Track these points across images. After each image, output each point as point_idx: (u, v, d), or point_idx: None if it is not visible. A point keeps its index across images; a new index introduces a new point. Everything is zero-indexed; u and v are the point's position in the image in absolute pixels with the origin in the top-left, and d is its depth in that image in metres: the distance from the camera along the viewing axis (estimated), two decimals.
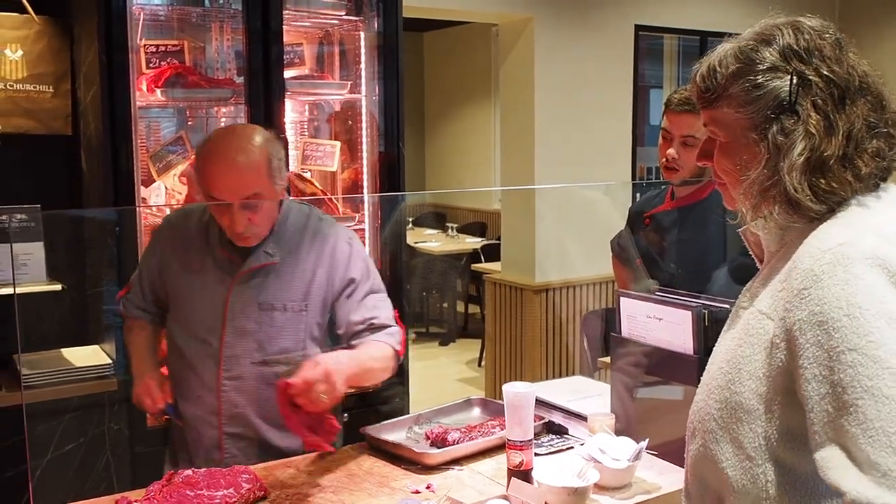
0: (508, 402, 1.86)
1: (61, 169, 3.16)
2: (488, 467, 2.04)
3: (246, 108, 3.05)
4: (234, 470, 1.93)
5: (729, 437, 1.24)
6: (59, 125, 3.14)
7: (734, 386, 1.24)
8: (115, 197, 2.84)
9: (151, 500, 1.79)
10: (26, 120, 3.09)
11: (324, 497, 1.86)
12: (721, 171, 1.30)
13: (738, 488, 1.24)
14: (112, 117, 2.82)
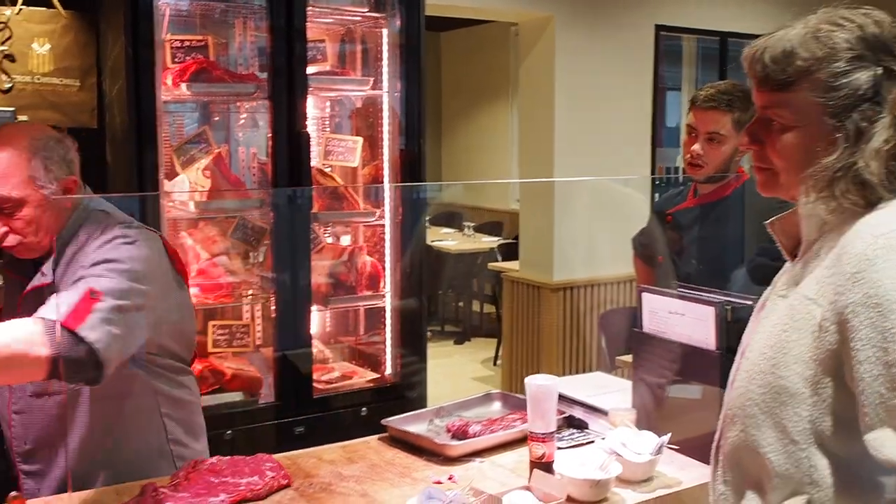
0: (531, 394, 1.87)
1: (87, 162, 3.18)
2: (509, 460, 2.05)
3: (269, 103, 3.07)
4: (258, 458, 1.95)
5: (772, 421, 1.25)
6: (84, 118, 3.18)
7: (778, 370, 1.25)
8: (139, 190, 2.87)
9: (178, 486, 1.81)
10: (53, 113, 3.13)
11: (347, 486, 1.88)
12: (779, 156, 1.31)
13: (780, 473, 1.24)
14: (137, 111, 2.85)
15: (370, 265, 3.35)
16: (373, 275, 3.34)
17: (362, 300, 3.38)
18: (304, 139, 3.06)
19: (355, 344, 3.67)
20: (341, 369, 3.50)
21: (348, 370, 3.50)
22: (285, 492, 1.85)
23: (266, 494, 1.82)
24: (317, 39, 3.46)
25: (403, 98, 3.36)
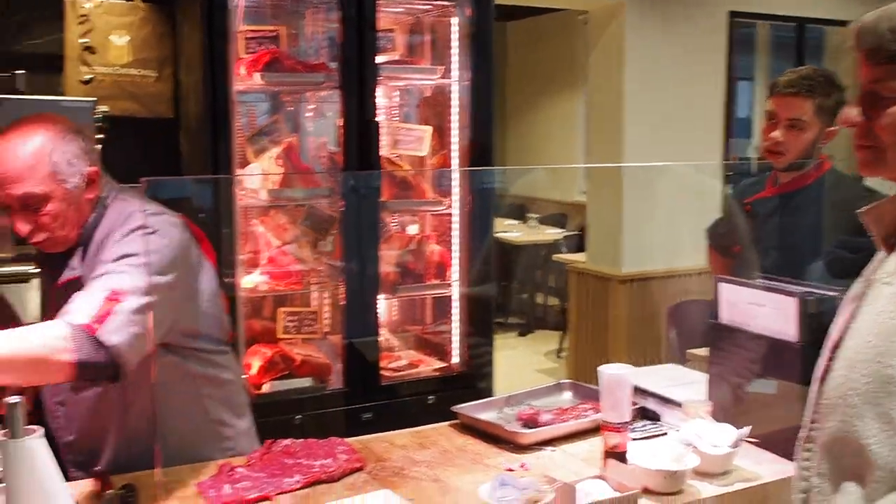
0: (604, 383, 1.85)
1: (163, 151, 3.26)
2: (581, 449, 2.03)
3: (339, 92, 3.09)
4: (331, 441, 1.97)
5: (876, 411, 1.21)
6: (161, 108, 3.24)
7: (885, 359, 1.21)
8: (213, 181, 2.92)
9: (253, 466, 1.84)
10: (131, 103, 3.20)
11: (419, 471, 1.89)
12: (887, 131, 1.26)
13: (883, 465, 1.20)
14: (212, 101, 2.89)
15: (438, 254, 3.35)
16: (440, 263, 3.35)
17: (429, 289, 3.39)
18: (374, 128, 3.07)
19: (422, 333, 3.68)
20: (408, 357, 3.52)
21: (415, 358, 3.51)
22: (358, 475, 1.87)
23: (339, 477, 1.84)
24: (386, 29, 3.47)
25: (472, 87, 3.35)
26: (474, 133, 3.38)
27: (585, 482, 1.73)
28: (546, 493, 1.60)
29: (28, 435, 1.27)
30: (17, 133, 1.85)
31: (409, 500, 1.70)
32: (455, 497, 1.75)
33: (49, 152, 1.84)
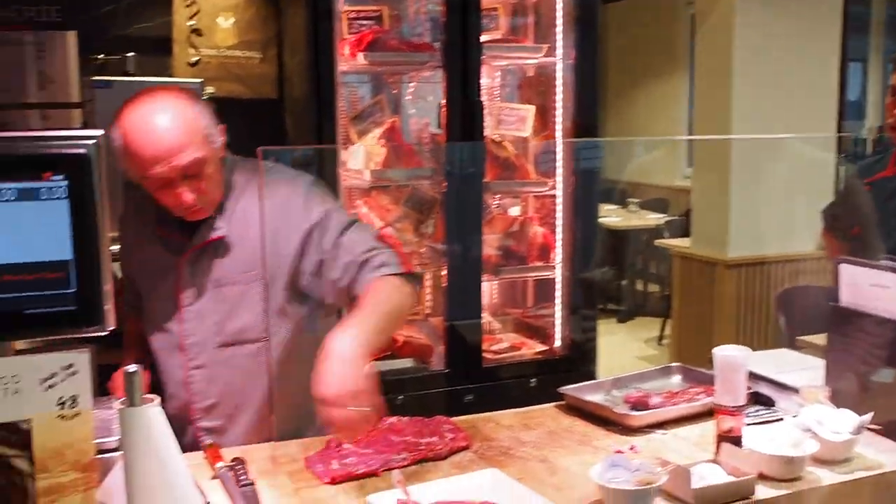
0: (720, 366, 1.79)
1: (268, 132, 3.30)
2: (692, 433, 1.97)
3: (443, 72, 3.07)
4: (437, 420, 1.96)
5: None
6: (266, 90, 3.29)
7: None
8: (319, 160, 2.95)
9: (360, 442, 1.84)
10: (237, 85, 3.25)
11: (526, 451, 1.86)
12: None
13: None
14: (317, 81, 2.92)
15: (541, 235, 3.31)
16: (543, 245, 3.31)
17: (532, 271, 3.35)
18: (478, 108, 3.05)
19: (522, 316, 3.65)
20: (509, 340, 3.49)
21: (516, 341, 3.49)
22: (465, 454, 1.85)
23: (446, 455, 1.83)
24: (490, 8, 3.44)
25: (577, 67, 3.29)
26: (578, 113, 3.32)
27: (699, 466, 1.67)
28: (659, 476, 1.55)
29: (146, 403, 1.29)
30: (155, 107, 1.83)
31: (517, 479, 1.68)
32: (563, 478, 1.72)
33: (197, 116, 1.85)
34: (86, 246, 1.27)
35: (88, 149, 1.25)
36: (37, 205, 1.24)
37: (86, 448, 1.32)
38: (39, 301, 1.25)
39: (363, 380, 1.67)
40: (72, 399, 1.30)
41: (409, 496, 1.54)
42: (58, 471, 1.30)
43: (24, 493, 1.29)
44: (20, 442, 1.28)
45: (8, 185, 1.22)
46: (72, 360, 1.31)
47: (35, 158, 1.24)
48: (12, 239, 1.23)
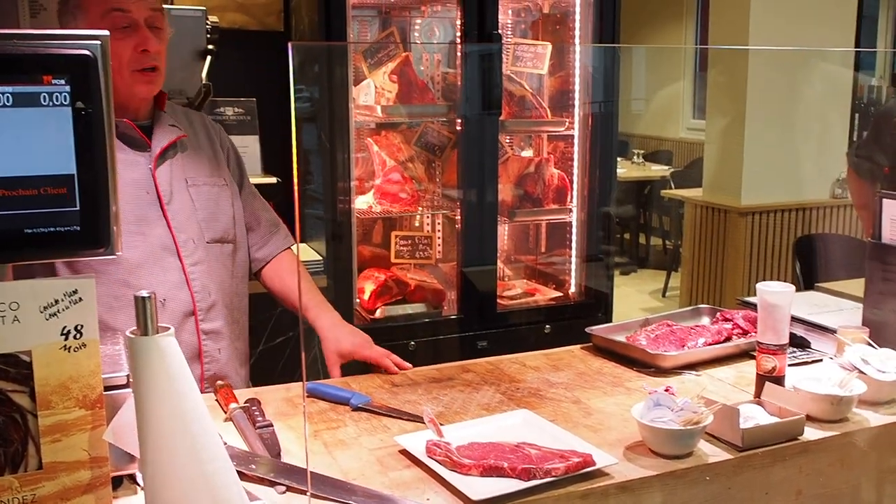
0: (763, 303, 1.68)
1: (274, 64, 3.16)
2: (728, 374, 1.88)
3: (458, 6, 2.92)
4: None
5: None
6: (271, 21, 3.15)
7: None
8: (329, 95, 2.81)
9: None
10: (240, 15, 3.12)
11: (556, 392, 1.76)
12: None
13: None
14: (326, 12, 2.77)
15: (557, 178, 3.19)
16: (560, 188, 3.19)
17: (548, 214, 3.23)
18: (496, 41, 2.90)
19: (535, 262, 3.54)
20: (522, 286, 3.39)
21: (529, 287, 3.38)
22: (493, 394, 1.75)
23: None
24: None
25: (597, 2, 3.14)
26: (597, 51, 3.18)
27: (742, 406, 1.58)
28: (705, 415, 1.45)
29: (160, 332, 1.18)
30: None
31: (550, 420, 1.58)
32: (599, 419, 1.62)
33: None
34: (91, 159, 1.15)
35: (93, 49, 1.12)
36: (36, 111, 1.11)
37: (92, 383, 1.22)
38: (40, 219, 1.13)
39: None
40: (76, 329, 1.20)
41: (442, 435, 1.44)
42: (62, 407, 1.20)
43: (25, 430, 1.18)
44: (20, 376, 1.17)
45: (3, 88, 1.10)
46: (76, 287, 1.20)
47: (34, 58, 1.11)
48: (9, 149, 1.10)
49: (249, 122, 2.96)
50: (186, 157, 1.94)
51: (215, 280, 1.93)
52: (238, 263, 2.02)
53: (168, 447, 1.16)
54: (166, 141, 1.90)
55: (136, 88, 1.83)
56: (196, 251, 1.90)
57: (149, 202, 1.86)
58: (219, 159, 2.02)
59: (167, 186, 1.88)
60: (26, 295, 1.16)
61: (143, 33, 1.79)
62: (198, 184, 1.94)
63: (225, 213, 1.97)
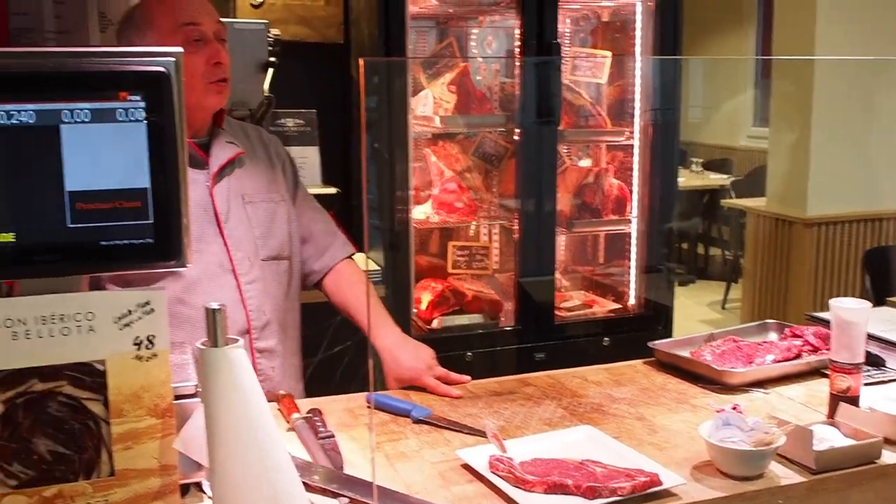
0: (837, 319, 1.64)
1: (334, 76, 3.19)
2: (798, 393, 1.83)
3: (517, 14, 2.92)
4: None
5: None
6: (331, 33, 3.18)
7: None
8: (388, 109, 2.82)
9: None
10: (301, 27, 3.15)
11: (619, 408, 1.74)
12: None
13: None
14: (386, 23, 2.78)
15: (617, 188, 3.16)
16: (619, 199, 3.16)
17: (607, 225, 3.21)
18: (556, 51, 2.89)
19: (593, 273, 3.51)
20: (580, 297, 3.36)
21: (587, 299, 3.36)
22: (554, 409, 1.73)
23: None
24: None
25: (657, 10, 3.11)
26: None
27: (815, 427, 1.54)
28: (777, 436, 1.42)
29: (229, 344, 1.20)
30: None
31: (614, 437, 1.56)
32: (665, 436, 1.60)
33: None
34: (164, 173, 1.16)
35: (168, 66, 1.14)
36: (112, 127, 1.13)
37: (163, 392, 1.23)
38: (115, 232, 1.15)
39: (428, 348, 1.94)
40: (148, 339, 1.21)
41: (505, 451, 1.43)
42: (133, 415, 1.22)
43: (99, 438, 1.20)
44: (95, 384, 1.20)
45: (82, 105, 1.12)
46: (148, 298, 1.21)
47: (111, 76, 1.13)
48: (86, 163, 1.12)
49: (309, 133, 2.98)
50: (244, 174, 1.95)
51: (270, 298, 1.93)
52: (293, 280, 2.02)
53: (236, 456, 1.17)
54: (224, 158, 1.91)
55: (207, 100, 1.85)
56: (252, 269, 1.90)
57: (206, 220, 1.87)
58: (275, 172, 2.03)
59: (224, 204, 1.90)
60: (101, 305, 1.18)
61: (214, 46, 1.83)
62: (254, 201, 1.95)
63: (280, 228, 1.98)
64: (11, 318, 1.13)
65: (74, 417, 1.17)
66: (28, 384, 1.14)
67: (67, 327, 1.16)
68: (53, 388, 1.15)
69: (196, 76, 1.80)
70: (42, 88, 1.11)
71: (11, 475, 1.15)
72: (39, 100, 1.11)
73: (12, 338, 1.13)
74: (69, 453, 1.17)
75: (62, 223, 1.13)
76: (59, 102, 1.12)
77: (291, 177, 2.09)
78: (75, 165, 1.13)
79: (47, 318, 1.14)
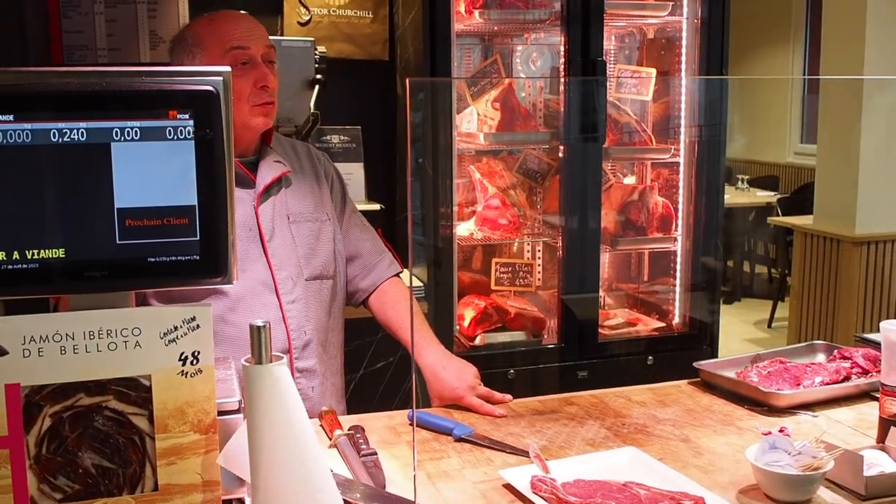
0: (888, 342, 1.60)
1: (379, 92, 3.21)
2: (846, 416, 1.80)
3: (562, 31, 2.91)
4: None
5: None
6: (377, 50, 3.20)
7: None
8: (432, 122, 2.83)
9: None
10: (347, 45, 3.17)
11: (664, 430, 1.72)
12: None
13: None
14: (431, 41, 2.80)
15: (662, 206, 3.13)
16: (664, 216, 3.13)
17: (652, 243, 3.18)
18: (601, 68, 2.88)
19: (637, 291, 3.48)
20: (624, 315, 3.33)
21: (631, 317, 3.33)
22: (598, 430, 1.72)
23: None
24: None
25: (703, 27, 3.08)
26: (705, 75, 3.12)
27: (864, 452, 1.50)
28: (825, 461, 1.39)
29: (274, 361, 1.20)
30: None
31: (658, 459, 1.54)
32: (710, 459, 1.57)
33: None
34: (211, 191, 1.18)
35: (216, 85, 1.15)
36: (161, 145, 1.15)
37: (207, 408, 1.24)
38: (163, 248, 1.16)
39: (472, 367, 1.92)
40: (193, 355, 1.23)
41: (548, 471, 1.42)
42: (178, 431, 1.23)
43: (143, 453, 1.21)
44: (140, 399, 1.21)
45: (131, 123, 1.14)
46: (194, 314, 1.22)
47: (161, 94, 1.14)
48: (136, 180, 1.14)
49: (354, 150, 3.01)
50: (290, 193, 1.97)
51: (311, 318, 1.94)
52: (336, 299, 2.03)
53: (278, 473, 1.17)
54: (270, 178, 1.93)
55: (253, 122, 1.88)
56: (294, 289, 1.92)
57: (250, 239, 1.89)
58: (322, 191, 2.04)
59: (269, 224, 1.92)
60: (147, 321, 1.20)
61: (261, 69, 1.86)
62: (299, 220, 1.96)
63: (325, 248, 1.99)
64: (60, 332, 1.15)
65: (120, 432, 1.19)
66: (75, 398, 1.16)
67: (114, 342, 1.17)
68: (100, 402, 1.17)
69: (242, 98, 1.84)
70: (94, 107, 1.13)
71: (57, 488, 1.16)
72: (91, 118, 1.13)
73: (60, 352, 1.15)
74: (114, 467, 1.19)
75: (111, 239, 1.15)
76: (110, 121, 1.14)
77: (339, 194, 2.10)
78: (124, 183, 1.15)
79: (94, 333, 1.16)
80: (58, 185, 1.12)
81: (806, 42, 8.22)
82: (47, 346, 1.14)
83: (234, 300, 1.87)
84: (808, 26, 8.09)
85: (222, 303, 1.85)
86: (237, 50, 1.83)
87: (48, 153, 1.11)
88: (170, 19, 2.95)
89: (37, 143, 1.11)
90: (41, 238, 1.12)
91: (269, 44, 1.90)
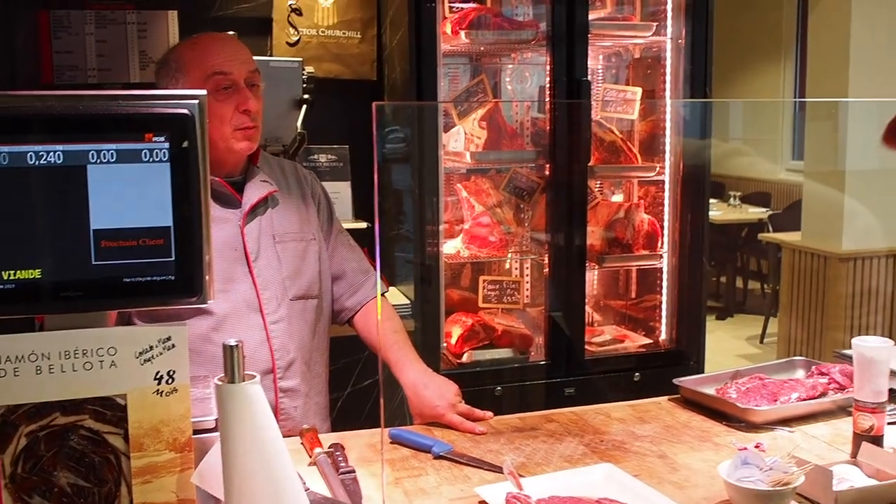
0: (860, 358, 1.63)
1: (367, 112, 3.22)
2: (823, 431, 1.82)
3: (548, 51, 2.94)
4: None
5: None
6: (365, 70, 3.23)
7: None
8: (418, 141, 2.86)
9: None
10: (336, 65, 3.20)
11: (641, 446, 1.74)
12: None
13: None
14: (418, 61, 2.82)
15: (647, 223, 3.16)
16: (650, 233, 3.15)
17: (638, 260, 3.20)
18: (585, 88, 2.91)
19: (625, 307, 3.50)
20: (611, 332, 3.35)
21: (618, 333, 3.34)
22: (576, 446, 1.73)
23: None
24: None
25: (687, 47, 3.12)
26: (688, 96, 3.15)
27: (836, 467, 1.52)
28: (795, 476, 1.40)
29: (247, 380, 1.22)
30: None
31: (633, 475, 1.55)
32: (686, 475, 1.59)
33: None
34: (186, 212, 1.20)
35: (191, 109, 1.18)
36: (137, 167, 1.17)
37: (182, 427, 1.26)
38: (138, 269, 1.18)
39: (453, 384, 1.95)
40: (169, 374, 1.24)
41: (522, 488, 1.44)
42: (153, 449, 1.25)
43: (119, 471, 1.23)
44: (115, 418, 1.23)
45: (107, 146, 1.16)
46: (169, 334, 1.24)
47: (136, 118, 1.17)
48: (112, 202, 1.16)
49: (342, 169, 3.03)
50: (276, 213, 1.99)
51: (295, 338, 1.96)
52: (321, 318, 2.05)
53: (251, 492, 1.19)
54: (256, 198, 1.95)
55: (236, 146, 1.89)
56: (279, 309, 1.93)
57: (235, 259, 1.91)
58: (308, 210, 2.06)
59: (255, 244, 1.93)
60: (123, 341, 1.22)
61: (244, 94, 1.87)
62: (285, 240, 1.98)
63: (310, 268, 2.01)
64: (36, 352, 1.16)
65: (95, 451, 1.20)
66: (50, 417, 1.17)
67: (90, 362, 1.19)
68: (75, 421, 1.19)
69: (225, 122, 1.86)
70: (70, 130, 1.16)
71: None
72: (67, 141, 1.15)
73: (36, 371, 1.16)
74: (89, 486, 1.20)
75: (87, 260, 1.17)
76: (86, 143, 1.16)
77: (326, 214, 2.12)
78: (100, 204, 1.17)
79: (70, 352, 1.18)
80: (34, 206, 1.14)
81: (797, 57, 8.28)
82: (23, 366, 1.16)
83: (219, 320, 1.88)
84: (799, 41, 8.15)
85: (207, 322, 1.87)
86: (219, 75, 1.85)
87: (25, 175, 1.13)
88: (160, 40, 2.98)
89: (14, 165, 1.13)
90: (17, 259, 1.14)
91: (253, 67, 1.91)
